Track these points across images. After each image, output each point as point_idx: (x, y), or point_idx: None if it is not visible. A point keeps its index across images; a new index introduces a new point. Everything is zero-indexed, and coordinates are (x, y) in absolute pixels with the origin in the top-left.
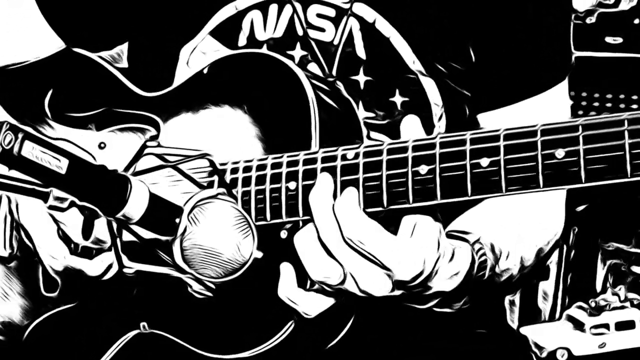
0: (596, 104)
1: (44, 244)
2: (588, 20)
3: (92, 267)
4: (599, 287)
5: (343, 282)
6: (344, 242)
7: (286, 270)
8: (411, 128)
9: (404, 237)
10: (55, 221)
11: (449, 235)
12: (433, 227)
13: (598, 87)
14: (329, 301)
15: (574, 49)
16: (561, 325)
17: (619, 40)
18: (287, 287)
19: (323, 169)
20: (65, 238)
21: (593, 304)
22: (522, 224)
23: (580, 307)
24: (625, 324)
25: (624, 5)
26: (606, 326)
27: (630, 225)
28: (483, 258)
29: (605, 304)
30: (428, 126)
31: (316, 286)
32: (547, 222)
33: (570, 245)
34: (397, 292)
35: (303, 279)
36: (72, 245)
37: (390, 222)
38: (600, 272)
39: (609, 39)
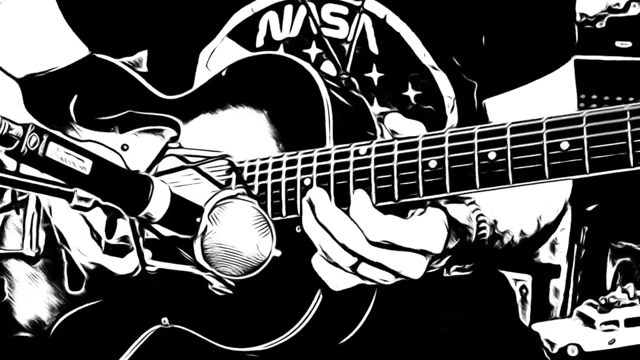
0: (606, 106)
1: (77, 244)
2: (598, 25)
3: (122, 266)
4: (608, 285)
5: (356, 266)
6: (369, 245)
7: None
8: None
9: (416, 217)
10: (88, 222)
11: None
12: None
13: (608, 90)
14: (354, 279)
15: (584, 53)
16: (572, 321)
17: (629, 44)
18: (319, 259)
19: (336, 165)
20: (98, 238)
21: (603, 301)
22: (522, 193)
23: (590, 304)
24: (635, 321)
25: (633, 11)
26: (616, 323)
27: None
28: (482, 218)
29: (614, 301)
30: (441, 118)
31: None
32: (549, 193)
33: (581, 243)
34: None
35: None
36: (104, 244)
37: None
38: (610, 270)
39: (618, 43)
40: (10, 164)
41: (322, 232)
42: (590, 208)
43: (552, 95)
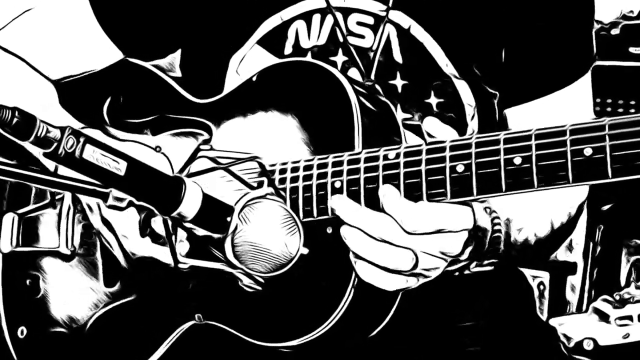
0: (620, 110)
1: (127, 234)
2: (613, 32)
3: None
4: (623, 281)
5: (416, 265)
6: (408, 236)
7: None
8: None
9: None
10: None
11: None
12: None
13: (622, 94)
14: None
15: (599, 58)
16: (588, 316)
17: None
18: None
19: (366, 169)
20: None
21: (617, 297)
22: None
23: (605, 300)
24: None
25: None
26: (630, 318)
27: None
28: (495, 214)
29: (629, 297)
30: (462, 125)
31: None
32: (562, 196)
33: (596, 242)
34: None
35: None
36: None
37: None
38: (625, 267)
39: (632, 49)
40: (49, 164)
41: (377, 248)
42: (605, 207)
43: (570, 105)
